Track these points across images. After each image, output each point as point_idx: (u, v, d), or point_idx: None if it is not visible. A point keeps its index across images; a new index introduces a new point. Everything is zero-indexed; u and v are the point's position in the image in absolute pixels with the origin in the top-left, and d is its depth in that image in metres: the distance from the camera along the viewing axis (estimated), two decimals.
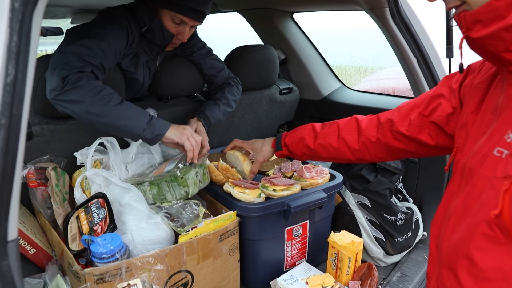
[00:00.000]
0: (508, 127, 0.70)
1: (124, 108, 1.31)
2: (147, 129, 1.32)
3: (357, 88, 2.44)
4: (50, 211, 1.41)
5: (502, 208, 0.65)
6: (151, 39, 1.54)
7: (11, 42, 0.68)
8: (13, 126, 0.66)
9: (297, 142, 1.42)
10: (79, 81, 1.25)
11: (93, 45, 1.35)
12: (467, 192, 0.77)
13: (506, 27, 0.64)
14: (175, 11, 1.46)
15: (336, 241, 1.48)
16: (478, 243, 0.71)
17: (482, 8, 0.66)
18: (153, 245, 1.26)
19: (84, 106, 1.26)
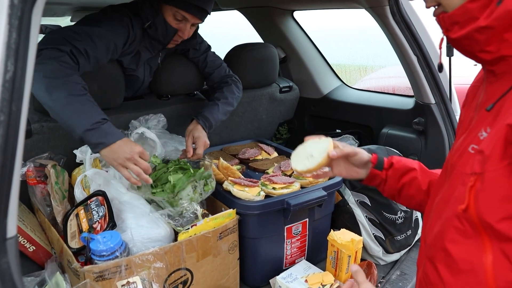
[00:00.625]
0: (482, 125, 0.73)
1: (79, 101, 1.20)
2: (91, 131, 1.18)
3: (357, 86, 2.44)
4: (49, 208, 1.41)
5: (468, 203, 0.68)
6: (153, 35, 1.54)
7: (10, 39, 0.68)
8: (12, 123, 0.66)
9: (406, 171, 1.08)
10: (50, 59, 1.20)
11: (82, 30, 1.34)
12: (446, 188, 0.80)
13: (478, 29, 0.67)
14: (178, 7, 1.46)
15: (335, 239, 1.48)
16: (451, 236, 0.74)
17: (457, 10, 0.69)
18: (152, 243, 1.26)
19: (44, 84, 1.18)
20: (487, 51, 0.69)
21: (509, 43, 0.67)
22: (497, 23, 0.65)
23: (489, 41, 0.67)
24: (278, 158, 1.85)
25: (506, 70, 0.71)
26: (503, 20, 0.64)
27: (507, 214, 0.65)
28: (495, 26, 0.65)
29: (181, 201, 1.33)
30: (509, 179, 0.64)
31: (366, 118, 2.13)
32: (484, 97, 0.78)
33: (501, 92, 0.71)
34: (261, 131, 2.23)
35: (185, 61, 1.76)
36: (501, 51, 0.68)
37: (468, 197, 0.68)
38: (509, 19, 0.64)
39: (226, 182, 1.48)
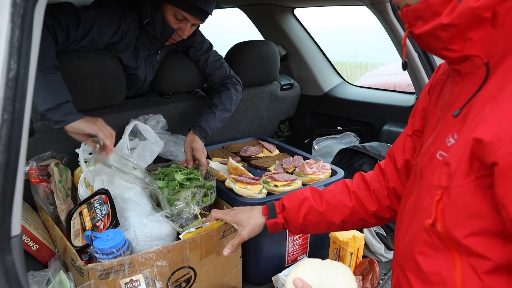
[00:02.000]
0: (449, 130, 0.70)
1: (45, 78, 1.22)
2: (53, 110, 1.23)
3: (358, 84, 2.44)
4: (52, 207, 1.42)
5: (435, 218, 0.67)
6: (151, 33, 1.54)
7: (13, 37, 0.68)
8: (15, 121, 0.66)
9: (299, 204, 1.11)
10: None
11: (72, 9, 1.34)
12: (416, 194, 0.78)
13: (441, 26, 0.63)
14: (178, 7, 1.46)
15: (337, 237, 1.48)
16: (420, 248, 0.73)
17: (419, 4, 0.65)
18: (155, 241, 1.26)
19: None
20: (451, 50, 0.65)
21: (472, 42, 0.63)
22: (459, 20, 0.61)
23: (453, 40, 0.64)
24: (279, 155, 1.85)
25: (471, 71, 0.67)
26: (465, 18, 0.60)
27: (474, 230, 0.63)
28: (457, 24, 0.61)
29: (177, 202, 1.33)
30: (475, 195, 0.61)
31: (367, 115, 2.13)
32: (450, 97, 0.75)
33: (466, 94, 0.68)
34: (262, 129, 2.23)
35: (186, 59, 1.76)
36: (465, 51, 0.64)
37: (435, 211, 0.66)
38: (471, 17, 0.60)
39: (228, 179, 1.48)
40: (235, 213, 1.20)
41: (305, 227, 1.13)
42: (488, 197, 0.60)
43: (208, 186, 1.41)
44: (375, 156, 1.78)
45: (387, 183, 1.06)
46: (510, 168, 0.54)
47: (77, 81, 1.43)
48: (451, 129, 0.69)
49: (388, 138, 1.97)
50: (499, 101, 0.58)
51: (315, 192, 1.13)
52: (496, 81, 0.62)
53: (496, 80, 0.62)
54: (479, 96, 0.64)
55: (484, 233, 0.63)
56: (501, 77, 0.61)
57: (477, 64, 0.65)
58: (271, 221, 1.14)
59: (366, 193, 1.09)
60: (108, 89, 1.53)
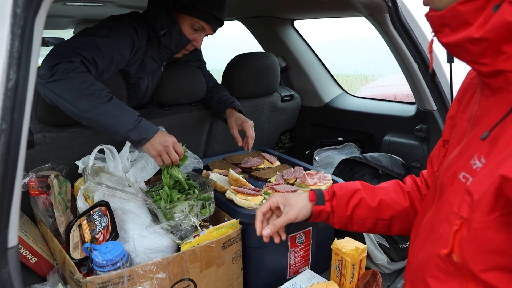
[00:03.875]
0: (475, 150, 0.65)
1: (111, 106, 1.28)
2: (133, 130, 1.29)
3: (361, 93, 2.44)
4: (51, 219, 1.41)
5: (452, 248, 0.63)
6: (167, 44, 1.55)
7: (13, 47, 0.68)
8: (14, 131, 0.66)
9: (351, 195, 1.04)
10: (69, 72, 1.24)
11: (89, 41, 1.36)
12: (435, 212, 0.74)
13: (470, 39, 0.57)
14: (198, 17, 1.49)
15: (339, 248, 1.47)
16: (433, 272, 0.69)
17: (447, 12, 0.59)
18: (155, 253, 1.25)
19: (72, 99, 1.24)
20: (481, 64, 0.60)
21: (507, 56, 0.57)
22: (493, 35, 0.55)
23: (484, 54, 0.58)
24: (280, 166, 1.84)
25: (504, 86, 0.61)
26: (500, 32, 0.54)
27: (494, 265, 0.59)
28: (490, 39, 0.56)
29: (175, 215, 1.32)
30: (498, 232, 0.57)
31: (368, 125, 2.13)
32: (478, 111, 0.69)
33: (496, 113, 0.62)
34: (263, 140, 2.23)
35: (186, 71, 1.77)
36: (498, 65, 0.58)
37: (452, 242, 0.62)
38: (506, 31, 0.54)
39: (228, 191, 1.47)
40: (283, 194, 1.11)
41: (350, 220, 1.05)
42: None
43: (205, 198, 1.40)
44: (376, 167, 1.77)
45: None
46: None
47: None
48: (478, 150, 0.64)
49: (389, 148, 1.96)
50: None
51: (367, 187, 1.05)
52: None
53: None
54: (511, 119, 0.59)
55: (504, 269, 0.59)
56: None
57: (511, 80, 0.59)
58: (317, 208, 1.05)
59: (419, 196, 1.03)
60: None
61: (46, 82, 1.24)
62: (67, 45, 1.33)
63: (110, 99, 1.29)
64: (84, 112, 1.26)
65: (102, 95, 1.28)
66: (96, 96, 1.26)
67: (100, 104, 1.26)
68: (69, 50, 1.31)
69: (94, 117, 1.27)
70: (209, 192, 1.41)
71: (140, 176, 1.50)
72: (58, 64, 1.25)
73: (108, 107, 1.27)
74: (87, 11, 2.61)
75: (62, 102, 1.26)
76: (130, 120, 1.29)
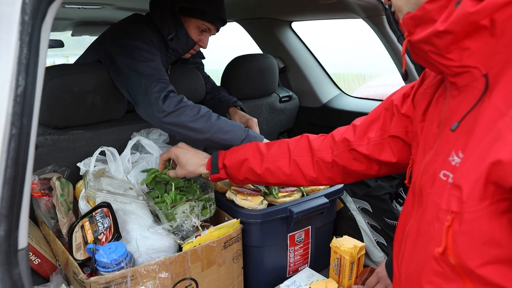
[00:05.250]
0: (451, 147, 0.66)
1: (223, 123, 1.39)
2: (245, 139, 1.39)
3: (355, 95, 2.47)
4: (54, 221, 1.42)
5: (446, 246, 0.62)
6: (174, 47, 1.59)
7: (21, 54, 0.70)
8: (23, 136, 0.68)
9: (239, 164, 1.22)
10: (179, 103, 1.35)
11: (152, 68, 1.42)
12: (420, 216, 0.73)
13: (436, 33, 0.60)
14: (204, 19, 1.54)
15: (338, 246, 1.49)
16: (429, 277, 0.68)
17: (417, 11, 0.63)
18: (157, 253, 1.27)
19: (189, 125, 1.35)
20: (448, 58, 0.63)
21: (471, 52, 0.60)
22: (455, 27, 0.58)
23: (449, 48, 0.61)
24: None
25: (469, 83, 0.64)
26: (462, 24, 0.57)
27: (490, 259, 0.59)
28: (453, 31, 0.59)
29: (176, 216, 1.34)
30: (491, 221, 0.57)
31: None
32: (448, 112, 0.71)
33: (464, 108, 0.65)
34: None
35: (186, 73, 1.79)
36: (463, 61, 0.61)
37: (446, 238, 0.62)
38: (467, 24, 0.57)
39: (229, 191, 1.49)
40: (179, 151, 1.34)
41: (245, 182, 1.29)
42: (504, 223, 0.56)
43: (205, 199, 1.42)
44: None
45: (335, 157, 1.09)
46: None
47: (79, 95, 1.45)
48: (454, 146, 0.65)
49: None
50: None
51: (257, 152, 1.21)
52: (502, 94, 0.58)
53: (501, 93, 0.58)
54: (484, 111, 0.60)
55: (501, 262, 0.58)
56: (506, 90, 0.58)
57: (476, 76, 0.62)
58: (214, 176, 1.29)
59: (308, 161, 1.14)
60: (109, 103, 1.55)
61: (165, 116, 1.34)
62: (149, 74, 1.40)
63: (218, 117, 1.40)
64: (202, 133, 1.36)
65: (212, 115, 1.39)
66: (208, 117, 1.37)
67: (213, 123, 1.37)
68: (161, 81, 1.39)
69: (211, 136, 1.37)
70: (210, 193, 1.43)
71: (141, 177, 1.51)
72: (166, 99, 1.35)
73: (220, 124, 1.38)
74: (85, 13, 2.61)
75: (182, 130, 1.37)
76: (240, 131, 1.40)
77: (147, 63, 1.43)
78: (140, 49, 1.45)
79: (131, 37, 1.49)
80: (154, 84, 1.38)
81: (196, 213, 1.39)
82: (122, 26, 1.58)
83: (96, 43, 1.65)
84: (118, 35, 1.52)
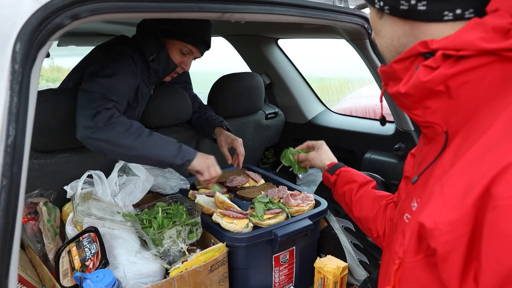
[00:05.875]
0: (414, 193, 0.71)
1: (154, 139, 1.38)
2: (178, 155, 1.40)
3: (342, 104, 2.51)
4: (40, 245, 1.42)
5: (393, 286, 0.67)
6: (155, 69, 1.60)
7: (12, 104, 0.71)
8: (13, 185, 0.69)
9: (347, 181, 1.26)
10: (109, 119, 1.33)
11: (110, 84, 1.41)
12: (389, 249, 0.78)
13: (399, 93, 0.64)
14: (186, 41, 1.55)
15: (321, 267, 1.53)
16: None
17: (387, 68, 0.68)
18: (145, 279, 1.28)
19: (118, 142, 1.33)
20: (414, 114, 0.66)
21: (432, 110, 0.63)
22: (414, 91, 0.62)
23: (414, 106, 0.65)
24: (265, 185, 1.89)
25: (434, 136, 0.68)
26: (419, 89, 0.61)
27: None
28: (413, 94, 0.63)
29: (163, 241, 1.35)
30: (425, 272, 0.62)
31: (350, 142, 2.20)
32: (420, 158, 0.76)
33: (429, 159, 0.68)
34: (248, 156, 2.25)
35: (173, 93, 1.81)
36: (427, 117, 0.65)
37: (394, 279, 0.67)
38: (424, 89, 0.61)
39: (215, 214, 1.52)
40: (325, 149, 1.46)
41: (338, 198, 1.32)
42: (436, 275, 0.60)
43: (192, 223, 1.43)
44: None
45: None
46: (448, 256, 0.55)
47: (67, 117, 1.45)
48: (415, 193, 0.70)
49: (370, 165, 2.04)
50: (444, 183, 0.58)
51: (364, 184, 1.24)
52: (450, 153, 0.62)
53: (450, 152, 0.62)
54: (436, 166, 0.65)
55: None
56: (454, 149, 0.62)
57: (438, 131, 0.66)
58: (327, 174, 1.34)
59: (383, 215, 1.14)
60: None
61: (92, 132, 1.31)
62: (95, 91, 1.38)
63: (150, 133, 1.39)
64: (132, 150, 1.35)
65: (143, 132, 1.38)
66: (138, 133, 1.36)
67: (144, 140, 1.36)
68: (100, 97, 1.37)
69: (141, 153, 1.37)
70: (197, 217, 1.45)
71: (128, 200, 1.53)
72: (97, 114, 1.32)
73: (152, 141, 1.37)
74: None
75: (110, 147, 1.33)
76: (173, 147, 1.41)
77: (110, 78, 1.43)
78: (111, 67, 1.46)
79: (111, 56, 1.51)
80: (96, 99, 1.36)
81: (183, 237, 1.41)
82: (106, 48, 1.59)
83: (79, 65, 1.67)
84: (99, 55, 1.54)
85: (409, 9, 0.63)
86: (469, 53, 0.56)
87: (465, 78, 0.58)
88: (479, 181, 0.51)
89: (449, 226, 0.54)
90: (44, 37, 0.77)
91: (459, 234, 0.53)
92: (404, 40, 0.67)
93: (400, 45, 0.68)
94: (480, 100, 0.59)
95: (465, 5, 0.59)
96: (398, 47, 0.68)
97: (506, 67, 0.56)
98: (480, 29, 0.56)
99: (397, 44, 0.68)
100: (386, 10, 0.67)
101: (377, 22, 0.71)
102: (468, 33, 0.57)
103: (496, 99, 0.58)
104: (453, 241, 0.53)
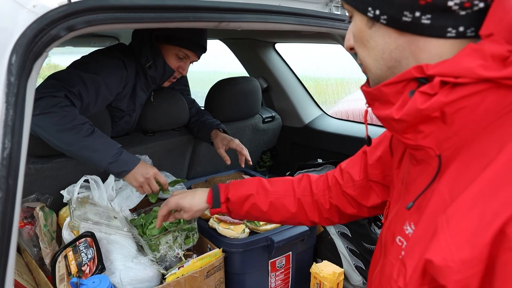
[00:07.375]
0: (406, 217, 0.69)
1: (92, 140, 1.32)
2: (113, 163, 1.33)
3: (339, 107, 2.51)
4: (36, 249, 1.42)
5: None
6: (152, 76, 1.59)
7: (8, 116, 0.71)
8: (9, 198, 0.70)
9: (244, 200, 1.14)
10: (51, 107, 1.27)
11: (76, 74, 1.39)
12: (381, 269, 0.77)
13: (392, 119, 0.62)
14: (181, 46, 1.54)
15: (318, 272, 1.53)
16: None
17: (374, 90, 0.65)
18: (141, 284, 1.29)
19: (54, 132, 1.28)
20: (405, 137, 0.65)
21: (425, 135, 0.62)
22: (409, 118, 0.60)
23: (406, 131, 0.63)
24: None
25: (425, 159, 0.67)
26: (414, 116, 0.60)
27: None
28: (407, 120, 0.61)
29: (160, 247, 1.36)
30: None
31: (346, 147, 2.20)
32: (408, 177, 0.74)
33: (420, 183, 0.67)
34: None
35: (170, 98, 1.81)
36: (418, 141, 0.63)
37: None
38: (420, 116, 0.59)
39: (211, 219, 1.52)
40: (178, 199, 1.20)
41: (246, 218, 1.21)
42: None
43: (188, 228, 1.44)
44: None
45: (331, 199, 1.09)
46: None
47: None
48: (409, 217, 0.68)
49: None
50: (450, 217, 0.56)
51: (261, 188, 1.14)
52: (449, 180, 0.61)
53: (449, 179, 0.61)
54: (433, 191, 0.63)
55: None
56: (453, 178, 0.60)
57: (431, 154, 0.64)
58: (214, 210, 1.18)
59: (310, 201, 1.12)
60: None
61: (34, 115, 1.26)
62: (56, 77, 1.36)
63: (91, 133, 1.32)
64: (67, 145, 1.30)
65: (84, 129, 1.31)
66: (78, 130, 1.30)
67: (81, 138, 1.30)
68: (56, 84, 1.33)
69: (76, 151, 1.31)
70: (193, 223, 1.45)
71: (125, 204, 1.53)
72: (41, 99, 1.27)
73: (89, 141, 1.31)
74: None
75: (46, 135, 1.29)
76: (110, 153, 1.33)
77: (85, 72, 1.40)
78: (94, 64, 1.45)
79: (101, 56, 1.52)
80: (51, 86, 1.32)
81: (179, 242, 1.41)
82: (102, 50, 1.59)
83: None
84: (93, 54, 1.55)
85: (411, 22, 0.59)
86: (467, 81, 0.55)
87: (461, 104, 0.57)
88: (493, 219, 0.50)
89: (461, 265, 0.52)
90: (40, 48, 0.76)
91: (472, 273, 0.52)
92: (396, 54, 0.62)
93: (391, 59, 0.63)
94: (476, 125, 0.58)
95: (467, 23, 0.57)
96: (388, 61, 0.64)
97: (502, 93, 0.55)
98: (478, 56, 0.54)
99: (388, 58, 0.64)
100: (383, 20, 0.61)
101: (365, 32, 0.64)
102: (466, 60, 0.55)
103: (495, 126, 0.57)
104: (465, 280, 0.52)
